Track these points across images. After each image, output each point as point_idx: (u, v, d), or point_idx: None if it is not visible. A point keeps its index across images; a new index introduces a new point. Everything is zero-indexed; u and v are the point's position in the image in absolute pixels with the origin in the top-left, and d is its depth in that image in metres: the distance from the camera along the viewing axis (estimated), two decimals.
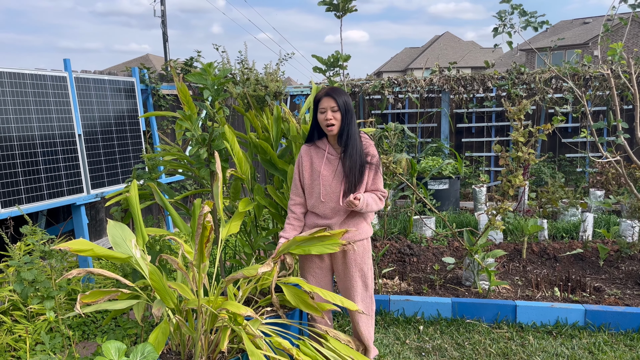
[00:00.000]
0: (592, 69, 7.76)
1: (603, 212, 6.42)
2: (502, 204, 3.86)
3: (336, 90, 2.76)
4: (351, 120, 2.77)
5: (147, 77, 5.93)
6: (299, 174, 2.92)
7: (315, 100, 2.80)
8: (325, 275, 2.98)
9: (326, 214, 2.85)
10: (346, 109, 2.75)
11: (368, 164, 2.81)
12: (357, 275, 2.90)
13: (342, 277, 2.94)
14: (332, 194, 2.81)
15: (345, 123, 2.75)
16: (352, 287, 2.92)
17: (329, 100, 2.73)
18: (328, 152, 2.84)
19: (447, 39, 41.30)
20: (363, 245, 2.90)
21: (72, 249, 2.47)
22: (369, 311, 2.98)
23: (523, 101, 3.72)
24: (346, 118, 2.75)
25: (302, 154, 2.91)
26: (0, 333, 3.30)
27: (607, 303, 3.77)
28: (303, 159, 2.89)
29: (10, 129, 3.94)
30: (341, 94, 2.76)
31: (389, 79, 8.41)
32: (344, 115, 2.74)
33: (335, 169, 2.81)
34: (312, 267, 2.96)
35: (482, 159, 8.59)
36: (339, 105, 2.73)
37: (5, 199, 3.85)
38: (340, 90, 2.77)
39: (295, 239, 2.83)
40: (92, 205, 5.40)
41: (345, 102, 2.76)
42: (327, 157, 2.83)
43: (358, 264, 2.88)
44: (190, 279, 2.64)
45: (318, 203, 2.85)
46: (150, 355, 2.42)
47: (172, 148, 3.73)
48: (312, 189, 2.87)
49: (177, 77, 3.10)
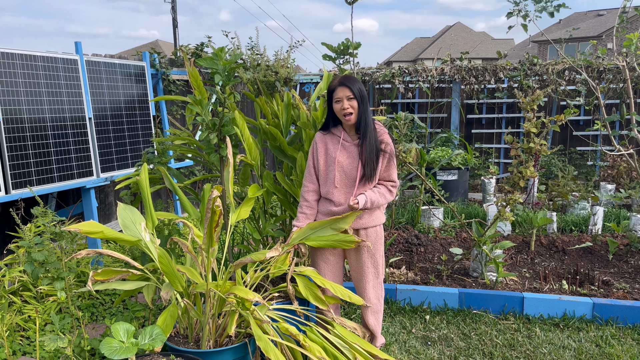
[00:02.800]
0: (606, 61, 7.65)
1: (613, 206, 6.37)
2: (512, 195, 3.83)
3: (349, 79, 2.75)
4: (367, 108, 2.77)
5: (158, 62, 5.92)
6: (313, 160, 2.91)
7: (329, 90, 2.79)
8: (337, 261, 2.98)
9: (340, 201, 2.84)
10: (361, 97, 2.74)
11: (382, 152, 2.80)
12: (370, 261, 2.90)
13: (355, 263, 2.95)
14: (347, 179, 2.81)
15: (362, 111, 2.75)
16: (363, 273, 2.92)
17: (344, 89, 2.72)
18: (343, 139, 2.84)
19: (458, 30, 40.91)
20: (376, 231, 2.90)
21: (83, 231, 2.49)
22: (378, 298, 2.99)
23: (536, 92, 3.67)
24: (362, 105, 2.75)
25: (316, 141, 2.91)
26: (10, 313, 3.34)
27: (616, 297, 3.74)
28: (318, 145, 2.89)
29: (21, 110, 3.95)
30: (355, 82, 2.75)
31: (399, 68, 8.35)
32: (360, 103, 2.74)
33: (351, 155, 2.80)
34: (324, 252, 2.96)
35: (492, 150, 8.54)
36: (355, 93, 2.72)
37: (16, 180, 3.88)
38: (353, 78, 2.76)
39: (309, 225, 2.84)
40: (101, 189, 5.43)
41: (360, 89, 2.75)
42: (342, 144, 2.83)
43: (370, 251, 2.88)
44: (199, 263, 2.65)
45: (332, 189, 2.85)
46: (159, 338, 2.44)
47: (182, 133, 3.73)
48: (326, 175, 2.86)
49: (188, 62, 3.09)
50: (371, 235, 2.88)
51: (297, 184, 3.42)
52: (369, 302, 2.96)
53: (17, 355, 3.09)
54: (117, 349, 2.31)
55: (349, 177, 2.81)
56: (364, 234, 2.87)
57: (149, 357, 2.46)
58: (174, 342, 2.70)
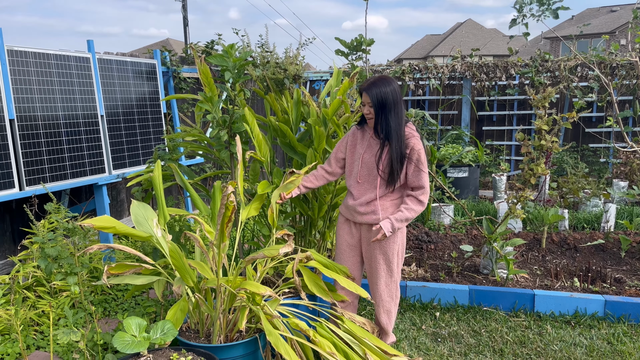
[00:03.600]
0: (619, 57, 7.57)
1: (626, 203, 6.31)
2: (523, 192, 3.81)
3: (372, 85, 2.74)
4: (389, 114, 2.72)
5: (169, 60, 5.96)
6: (343, 148, 2.97)
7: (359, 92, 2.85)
8: (355, 254, 3.01)
9: (358, 195, 2.88)
10: (380, 103, 2.72)
11: (407, 158, 2.76)
12: (381, 259, 2.89)
13: (367, 258, 2.97)
14: (369, 176, 2.84)
15: (381, 116, 2.73)
16: (375, 270, 2.93)
17: (364, 95, 2.76)
18: (371, 137, 2.87)
19: (469, 26, 40.65)
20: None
21: (96, 226, 2.52)
22: (392, 296, 2.97)
23: (548, 88, 3.65)
24: (381, 112, 2.73)
25: (350, 133, 2.97)
26: (24, 308, 3.39)
27: (628, 294, 3.71)
28: (350, 138, 2.96)
29: (35, 108, 4.00)
30: (374, 87, 2.73)
31: (410, 65, 8.33)
32: (377, 109, 2.74)
33: (374, 154, 2.82)
34: (342, 244, 3.01)
35: (503, 147, 8.48)
36: (372, 100, 2.73)
37: (30, 177, 3.93)
38: (376, 84, 2.74)
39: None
40: (113, 186, 5.48)
41: (379, 96, 2.71)
42: (369, 141, 2.86)
43: (382, 248, 2.87)
44: (210, 258, 2.67)
45: (354, 183, 2.89)
46: (170, 332, 2.46)
47: (192, 130, 3.76)
48: (351, 169, 2.92)
49: (198, 59, 3.11)
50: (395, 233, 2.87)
51: None
52: (379, 300, 2.96)
53: (31, 349, 3.14)
54: (129, 343, 2.34)
55: (371, 175, 2.83)
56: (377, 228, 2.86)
57: (160, 352, 2.48)
58: (185, 337, 2.72)
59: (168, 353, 2.47)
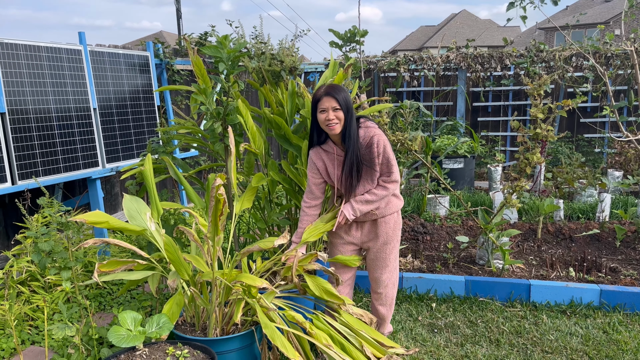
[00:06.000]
0: (614, 46, 7.57)
1: (621, 193, 6.33)
2: (519, 182, 3.81)
3: (335, 88, 2.66)
4: (352, 118, 2.68)
5: (162, 52, 5.91)
6: (317, 175, 2.86)
7: (314, 100, 2.70)
8: (351, 250, 3.00)
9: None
10: (347, 107, 2.65)
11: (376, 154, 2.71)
12: (388, 247, 2.92)
13: (373, 248, 2.94)
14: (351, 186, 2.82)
15: (348, 121, 2.66)
16: (380, 258, 2.94)
17: (329, 99, 2.63)
18: (337, 154, 2.79)
19: (463, 17, 40.55)
20: (394, 218, 2.90)
21: (89, 221, 2.49)
22: (394, 284, 3.01)
23: (543, 76, 3.64)
24: (348, 116, 2.66)
25: (313, 159, 2.84)
26: (19, 303, 3.37)
27: (623, 284, 3.73)
28: (317, 164, 2.83)
29: (26, 101, 3.96)
30: (341, 91, 2.66)
31: (404, 56, 8.30)
32: (346, 113, 2.65)
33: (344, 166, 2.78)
34: (340, 242, 2.99)
35: (498, 138, 8.48)
36: (340, 103, 2.63)
37: (22, 171, 3.89)
38: (339, 87, 2.68)
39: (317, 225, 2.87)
40: (107, 179, 5.44)
41: (346, 99, 2.65)
42: (337, 159, 2.79)
43: (389, 236, 2.89)
44: (205, 251, 2.65)
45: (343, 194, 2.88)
46: (166, 326, 2.45)
47: (186, 122, 3.72)
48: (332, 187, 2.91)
49: (192, 50, 3.08)
50: (390, 223, 2.89)
51: (302, 173, 3.41)
52: (384, 290, 2.99)
53: (26, 344, 3.12)
54: (124, 337, 2.33)
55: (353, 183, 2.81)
56: (382, 222, 2.87)
57: (156, 345, 2.47)
58: (181, 331, 2.71)
59: (164, 347, 2.46)
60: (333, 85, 2.70)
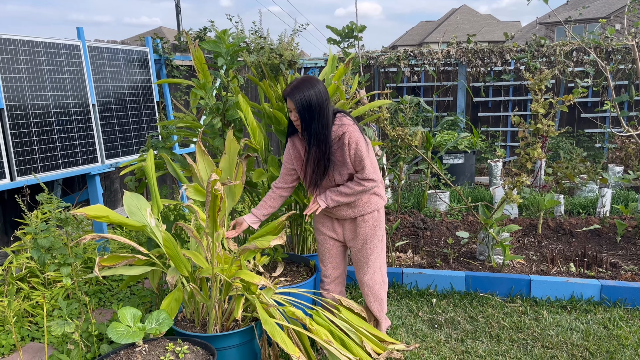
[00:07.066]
0: (615, 41, 7.54)
1: (621, 188, 6.32)
2: (519, 177, 3.79)
3: (294, 89, 2.61)
4: (316, 117, 2.60)
5: (161, 47, 5.88)
6: (290, 161, 2.84)
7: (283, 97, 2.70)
8: (337, 246, 2.97)
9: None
10: (304, 108, 2.59)
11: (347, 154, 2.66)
12: (368, 246, 2.87)
13: (354, 248, 2.92)
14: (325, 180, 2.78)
15: (306, 122, 2.61)
16: (361, 258, 2.90)
17: (289, 101, 2.62)
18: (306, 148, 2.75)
19: (464, 12, 40.43)
20: (373, 217, 2.85)
21: (89, 215, 2.48)
22: (380, 283, 2.95)
23: (544, 71, 3.62)
24: (305, 117, 2.60)
25: (288, 146, 2.84)
26: (18, 299, 3.36)
27: (624, 279, 3.72)
28: (291, 151, 2.82)
29: (24, 97, 3.94)
30: (298, 92, 2.59)
31: (405, 51, 8.26)
32: (302, 114, 2.60)
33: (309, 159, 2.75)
34: (323, 238, 2.96)
35: (499, 133, 8.46)
36: (296, 105, 2.59)
37: (21, 167, 3.88)
38: (299, 87, 2.60)
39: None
40: (106, 175, 5.43)
41: (303, 101, 2.58)
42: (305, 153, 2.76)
43: (369, 236, 2.85)
44: (204, 247, 2.64)
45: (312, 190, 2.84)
46: (165, 322, 2.44)
47: (186, 116, 3.71)
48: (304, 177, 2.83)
49: (192, 44, 3.06)
50: (369, 222, 2.84)
51: None
52: (369, 288, 2.93)
53: (25, 340, 3.11)
54: (124, 333, 2.32)
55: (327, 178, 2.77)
56: (361, 221, 2.83)
57: (156, 342, 2.46)
58: (180, 327, 2.71)
59: (163, 343, 2.45)
60: (294, 85, 2.62)
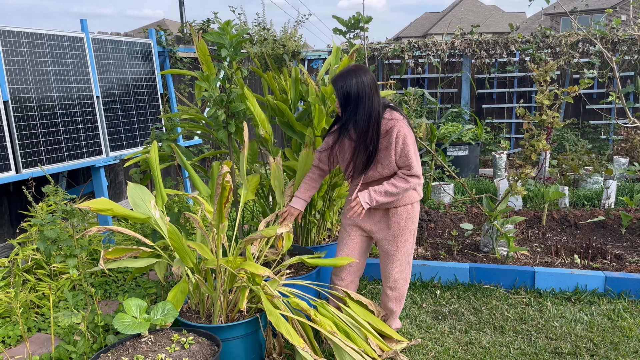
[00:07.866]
0: (621, 32, 7.48)
1: (627, 179, 6.29)
2: (524, 169, 3.78)
3: (338, 76, 2.59)
4: (351, 106, 2.57)
5: (164, 39, 5.87)
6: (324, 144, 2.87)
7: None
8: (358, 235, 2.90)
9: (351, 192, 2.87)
10: (344, 96, 2.57)
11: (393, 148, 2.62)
12: (399, 240, 2.80)
13: (384, 239, 2.83)
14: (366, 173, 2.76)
15: (347, 112, 2.59)
16: (391, 251, 2.83)
17: (333, 89, 2.62)
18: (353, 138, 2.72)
19: (468, 3, 40.15)
20: (407, 210, 2.77)
21: (93, 208, 2.49)
22: (405, 279, 2.90)
23: (549, 62, 3.59)
24: (347, 107, 2.59)
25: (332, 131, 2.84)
26: (25, 291, 3.38)
27: (628, 270, 3.71)
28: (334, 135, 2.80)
29: (29, 89, 3.94)
30: (340, 79, 2.57)
31: (409, 43, 8.22)
32: (342, 104, 2.59)
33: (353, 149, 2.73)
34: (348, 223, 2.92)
35: (503, 125, 8.43)
36: (336, 92, 2.59)
37: (26, 159, 3.89)
38: (343, 75, 2.58)
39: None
40: (111, 168, 5.44)
41: (343, 89, 2.56)
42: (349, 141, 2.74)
43: (401, 229, 2.78)
44: (209, 239, 2.65)
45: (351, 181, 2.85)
46: (170, 313, 2.46)
47: (190, 108, 3.71)
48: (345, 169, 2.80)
49: (195, 36, 3.05)
50: (402, 214, 2.77)
51: None
52: (394, 284, 2.87)
53: (32, 331, 3.14)
54: (130, 324, 2.34)
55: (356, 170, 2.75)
56: (394, 212, 2.77)
57: (161, 332, 2.48)
58: (185, 318, 2.72)
59: (169, 334, 2.47)
60: (343, 71, 2.59)
